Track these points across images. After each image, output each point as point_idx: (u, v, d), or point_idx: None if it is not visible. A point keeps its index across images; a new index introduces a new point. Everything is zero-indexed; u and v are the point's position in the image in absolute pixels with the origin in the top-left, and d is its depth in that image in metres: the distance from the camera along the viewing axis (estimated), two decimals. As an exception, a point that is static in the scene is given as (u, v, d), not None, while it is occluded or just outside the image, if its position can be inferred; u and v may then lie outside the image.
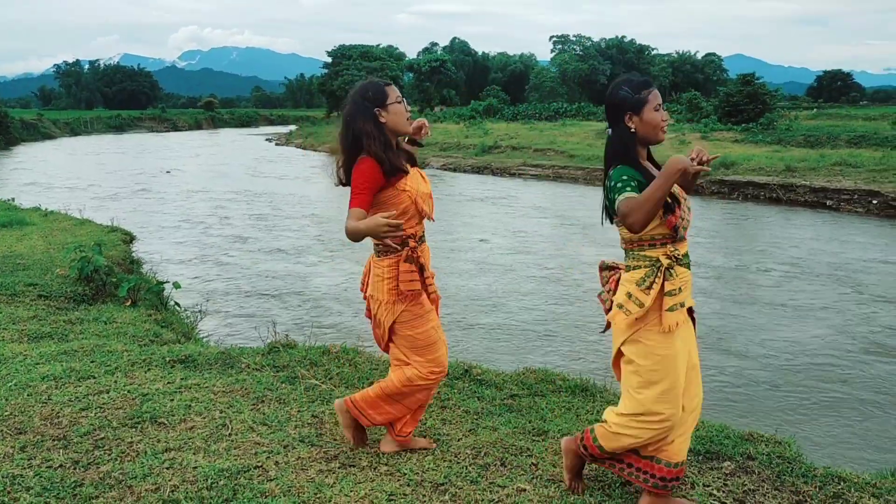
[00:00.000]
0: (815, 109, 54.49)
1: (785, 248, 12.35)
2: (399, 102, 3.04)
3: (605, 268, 2.83)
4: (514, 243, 12.85)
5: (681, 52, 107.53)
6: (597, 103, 66.55)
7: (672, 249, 2.59)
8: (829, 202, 16.92)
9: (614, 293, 2.69)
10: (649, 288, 2.56)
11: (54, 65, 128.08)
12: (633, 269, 2.63)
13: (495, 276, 10.28)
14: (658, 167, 2.71)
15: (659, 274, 2.57)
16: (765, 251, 12.20)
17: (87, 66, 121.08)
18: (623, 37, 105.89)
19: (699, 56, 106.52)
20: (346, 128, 3.02)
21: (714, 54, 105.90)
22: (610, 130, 2.70)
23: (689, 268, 2.64)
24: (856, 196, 16.58)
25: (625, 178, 2.56)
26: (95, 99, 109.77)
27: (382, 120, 3.00)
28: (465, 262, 11.19)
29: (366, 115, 2.98)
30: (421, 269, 3.01)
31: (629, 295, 2.60)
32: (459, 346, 7.06)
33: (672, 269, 2.57)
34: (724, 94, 34.63)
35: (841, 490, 2.99)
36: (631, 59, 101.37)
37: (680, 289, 2.58)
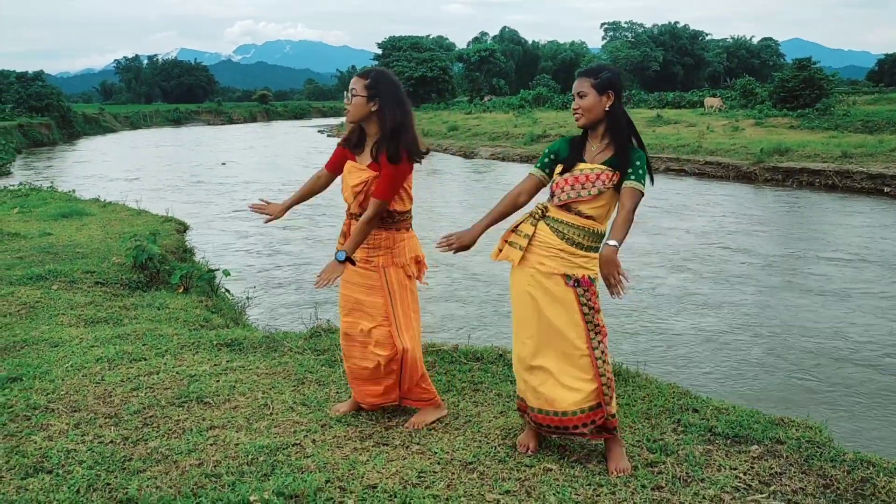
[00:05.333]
0: (875, 94, 52.71)
1: (839, 235, 12.09)
2: (345, 92, 3.37)
3: None
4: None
5: (736, 37, 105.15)
6: (649, 91, 65.59)
7: (545, 206, 3.06)
8: (887, 189, 16.45)
9: None
10: (512, 224, 3.18)
11: (114, 60, 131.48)
12: None
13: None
14: (627, 158, 2.93)
15: (523, 217, 3.13)
16: (818, 239, 11.96)
17: (145, 61, 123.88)
18: (676, 22, 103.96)
19: (755, 41, 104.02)
20: None
21: (770, 39, 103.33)
22: None
23: (562, 238, 2.98)
24: (915, 183, 16.09)
25: (548, 149, 3.16)
26: (154, 93, 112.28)
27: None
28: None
29: None
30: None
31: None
32: (494, 331, 7.14)
33: (535, 218, 3.06)
34: (779, 80, 33.80)
35: (869, 475, 2.99)
36: (684, 45, 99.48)
37: (527, 236, 3.04)
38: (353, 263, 3.30)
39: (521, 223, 3.11)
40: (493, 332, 7.14)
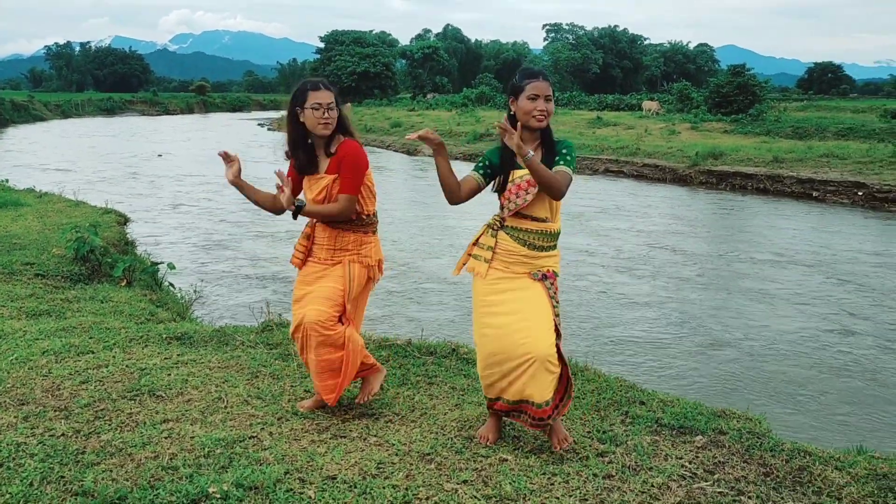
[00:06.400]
0: (804, 101, 54.71)
1: (770, 238, 12.55)
2: (312, 108, 3.25)
3: None
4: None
5: (673, 42, 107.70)
6: (589, 92, 66.64)
7: (501, 217, 3.15)
8: (815, 193, 17.12)
9: None
10: (473, 238, 3.26)
11: (45, 46, 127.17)
12: None
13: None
14: (552, 149, 3.09)
15: (483, 230, 3.22)
16: (750, 241, 12.39)
17: (77, 49, 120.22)
18: (616, 26, 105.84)
19: (691, 47, 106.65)
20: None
21: (706, 45, 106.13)
22: None
23: (523, 244, 3.09)
24: (842, 187, 16.76)
25: (482, 157, 3.20)
26: (86, 81, 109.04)
27: (301, 119, 3.29)
28: (457, 249, 11.33)
29: (290, 111, 3.32)
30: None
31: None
32: (450, 328, 7.22)
33: (493, 229, 3.15)
34: (714, 85, 34.78)
35: (806, 463, 3.16)
36: (623, 49, 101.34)
37: (490, 248, 3.13)
38: (300, 214, 3.29)
39: (481, 236, 3.21)
40: (450, 330, 7.21)
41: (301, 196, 3.38)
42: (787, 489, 2.96)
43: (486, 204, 3.45)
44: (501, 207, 3.16)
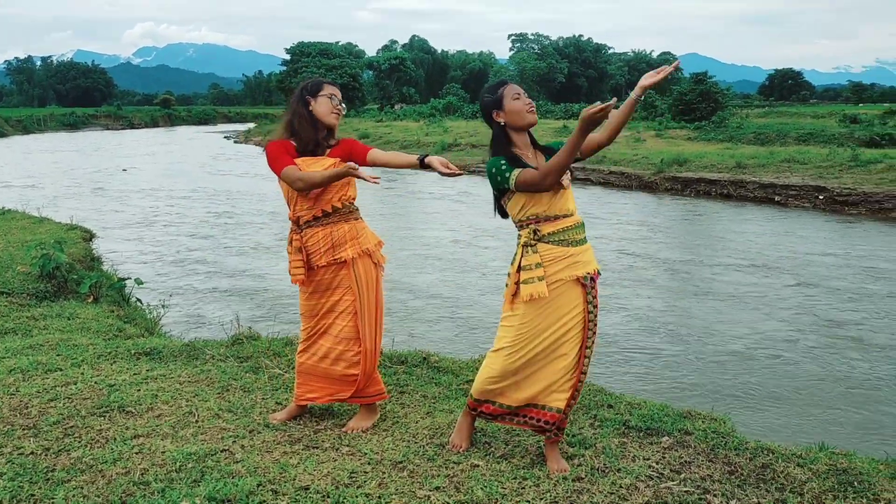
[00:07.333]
0: (766, 108, 55.69)
1: (735, 242, 12.77)
2: (328, 97, 3.40)
3: None
4: (472, 239, 13.07)
5: (637, 50, 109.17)
6: (555, 101, 67.23)
7: (533, 230, 3.00)
8: (777, 198, 17.45)
9: None
10: (512, 263, 3.06)
11: (5, 61, 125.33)
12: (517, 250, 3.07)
13: (455, 271, 10.49)
14: (545, 151, 3.10)
15: (520, 251, 3.03)
16: (715, 245, 12.60)
17: (39, 63, 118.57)
18: (580, 35, 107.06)
19: (655, 55, 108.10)
20: (288, 110, 3.50)
21: (669, 53, 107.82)
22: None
23: (565, 245, 3.01)
24: (803, 192, 17.12)
25: (502, 164, 2.98)
26: (48, 96, 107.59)
27: (310, 108, 3.40)
28: (426, 258, 11.38)
29: (300, 98, 3.42)
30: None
31: (508, 273, 3.11)
32: (420, 336, 7.25)
33: (531, 246, 2.99)
34: (677, 93, 35.32)
35: (770, 461, 3.25)
36: (588, 58, 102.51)
37: (538, 264, 2.96)
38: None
39: (520, 259, 3.01)
40: (420, 339, 7.23)
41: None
42: (752, 486, 3.04)
43: (458, 214, 3.49)
44: (522, 226, 3.04)
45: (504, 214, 3.15)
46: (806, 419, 5.61)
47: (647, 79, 2.92)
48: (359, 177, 3.22)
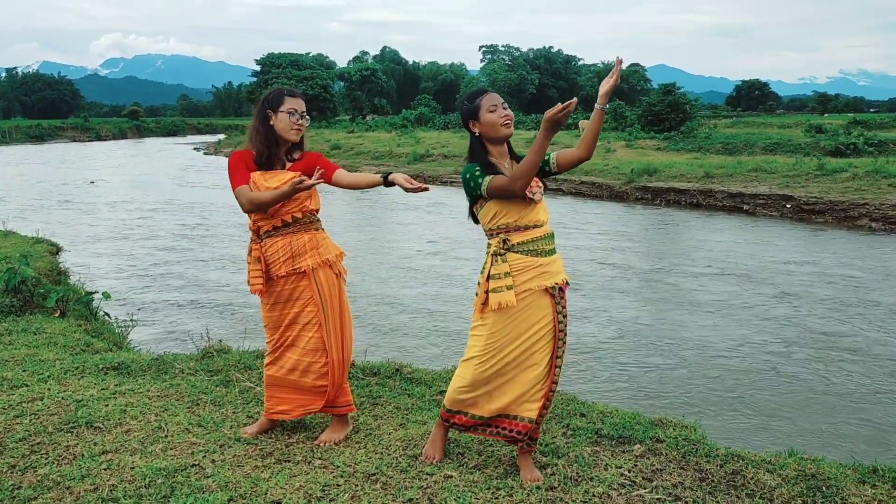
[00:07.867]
0: (733, 118, 56.51)
1: (704, 250, 12.91)
2: (288, 113, 3.34)
3: None
4: (444, 249, 13.08)
5: (606, 62, 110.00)
6: (526, 112, 67.60)
7: (503, 239, 3.03)
8: (745, 206, 17.69)
9: None
10: (482, 272, 3.08)
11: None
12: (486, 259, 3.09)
13: (426, 282, 10.48)
14: (520, 160, 3.07)
15: (489, 260, 3.05)
16: (685, 254, 12.73)
17: (3, 75, 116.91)
18: (550, 47, 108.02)
19: (623, 66, 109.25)
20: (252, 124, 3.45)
21: (638, 65, 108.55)
22: None
23: (535, 255, 3.04)
24: (770, 200, 17.37)
25: (476, 171, 3.02)
26: (13, 108, 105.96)
27: (271, 122, 3.36)
28: (407, 271, 11.36)
29: (260, 112, 3.38)
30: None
31: (478, 282, 3.13)
32: (391, 347, 7.23)
33: (501, 255, 3.01)
34: (646, 104, 35.73)
35: (740, 467, 3.28)
36: (558, 69, 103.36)
37: (507, 273, 2.98)
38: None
39: (489, 268, 3.03)
40: (391, 350, 7.21)
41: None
42: (722, 493, 3.07)
43: (428, 223, 3.48)
44: (492, 234, 3.06)
45: (477, 221, 3.16)
46: (774, 425, 5.67)
47: (604, 86, 3.02)
48: (307, 187, 3.18)
